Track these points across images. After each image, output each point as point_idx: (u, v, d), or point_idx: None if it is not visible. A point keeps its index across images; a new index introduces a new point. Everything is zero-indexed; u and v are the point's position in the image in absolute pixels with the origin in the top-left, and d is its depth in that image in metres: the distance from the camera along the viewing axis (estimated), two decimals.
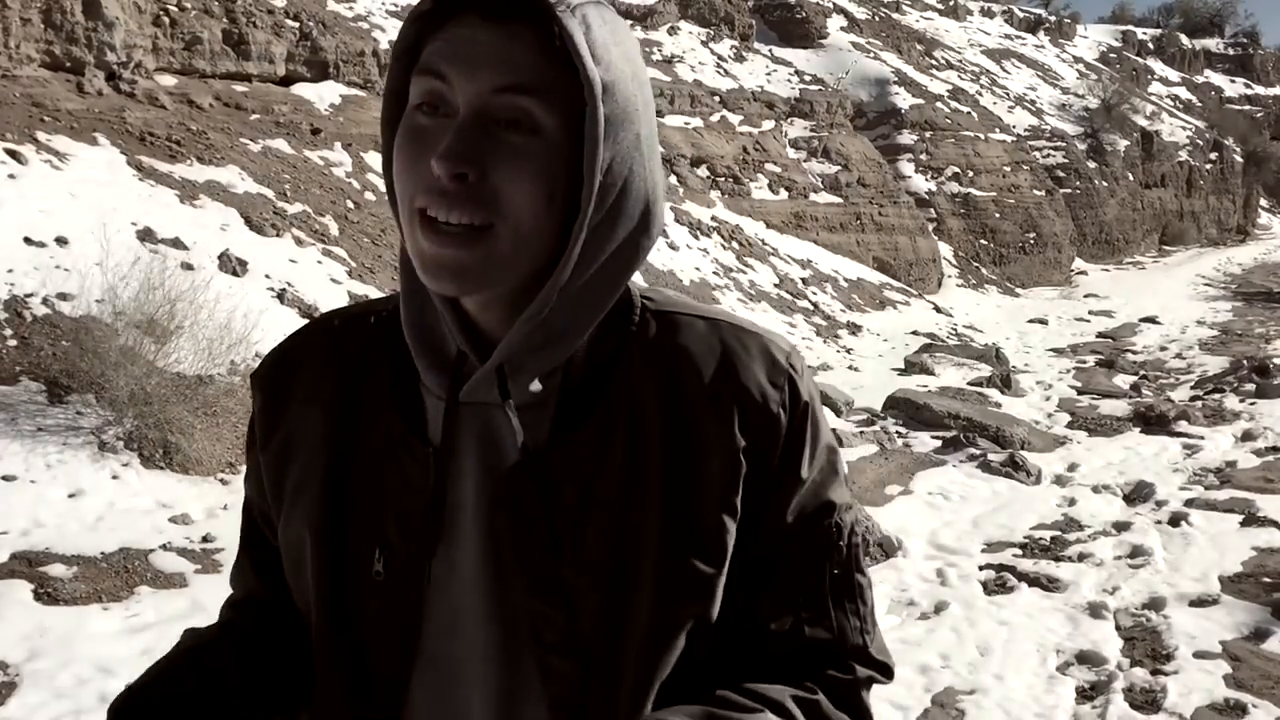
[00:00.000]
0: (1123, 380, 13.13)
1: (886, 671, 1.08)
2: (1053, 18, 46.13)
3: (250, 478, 1.15)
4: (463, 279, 0.91)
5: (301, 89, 12.93)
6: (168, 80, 11.46)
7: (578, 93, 0.89)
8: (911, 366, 13.10)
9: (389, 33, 15.07)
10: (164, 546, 5.31)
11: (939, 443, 9.01)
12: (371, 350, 1.06)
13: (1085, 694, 4.67)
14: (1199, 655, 4.99)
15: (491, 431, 0.98)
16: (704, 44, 23.06)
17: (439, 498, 0.99)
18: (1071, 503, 7.55)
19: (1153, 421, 10.18)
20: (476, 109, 0.89)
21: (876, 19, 31.58)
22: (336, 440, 1.04)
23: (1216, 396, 11.66)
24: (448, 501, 0.99)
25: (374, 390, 1.04)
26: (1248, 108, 47.49)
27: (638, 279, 1.04)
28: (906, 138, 24.88)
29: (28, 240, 7.51)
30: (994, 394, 11.71)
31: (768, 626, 1.01)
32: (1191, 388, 12.57)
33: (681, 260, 15.31)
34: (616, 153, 0.92)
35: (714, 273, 15.56)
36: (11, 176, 8.32)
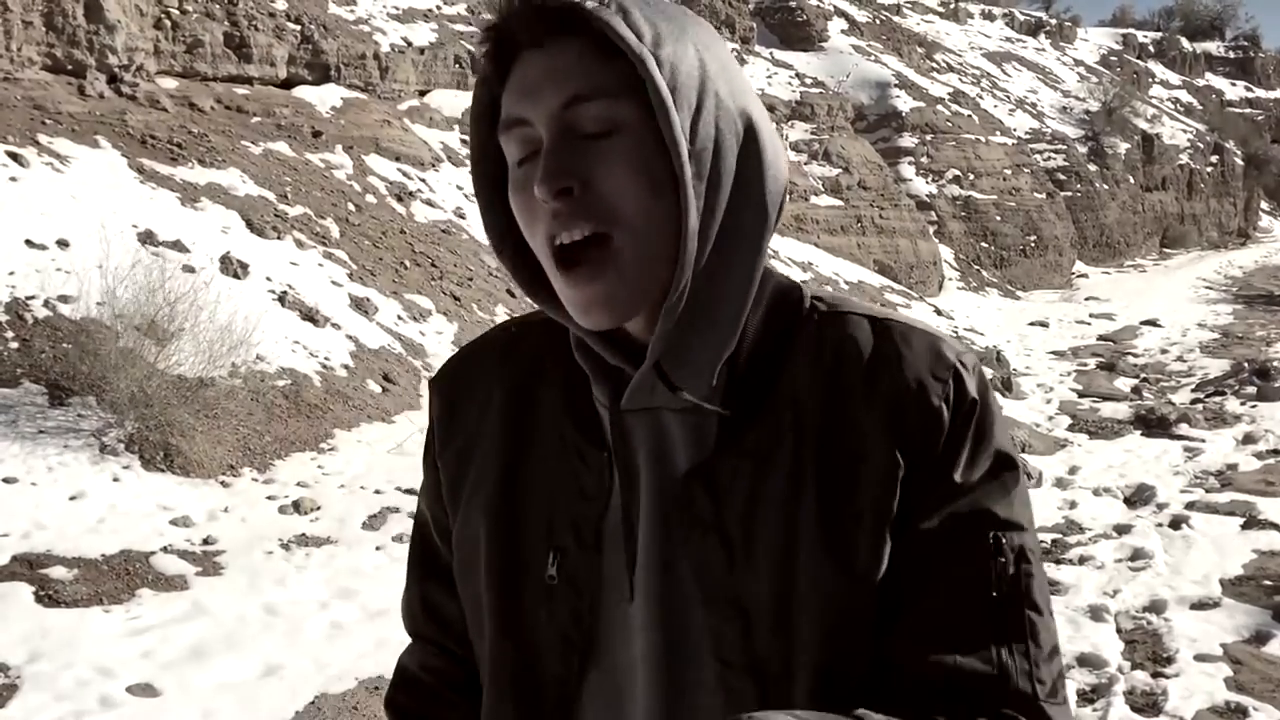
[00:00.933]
0: (1124, 383, 13.13)
1: None
2: (1053, 21, 46.16)
3: (426, 491, 1.15)
4: (608, 307, 0.92)
5: (303, 92, 12.95)
6: (169, 83, 11.48)
7: (641, 77, 0.89)
8: None
9: (390, 36, 15.08)
10: (165, 549, 5.31)
11: None
12: (546, 357, 1.06)
13: (1086, 696, 4.67)
14: (1200, 658, 4.99)
15: (661, 438, 0.97)
16: None
17: (625, 506, 0.98)
18: (1072, 505, 7.55)
19: (1154, 424, 10.18)
20: (555, 131, 0.90)
21: (877, 22, 31.60)
22: (512, 443, 1.05)
23: (1217, 399, 11.66)
24: (620, 510, 0.98)
25: (549, 397, 1.05)
26: (1248, 111, 47.50)
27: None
28: (907, 140, 24.89)
29: (29, 243, 7.52)
30: (995, 397, 11.70)
31: (911, 649, 0.91)
32: (1192, 390, 12.57)
33: None
34: (698, 117, 0.91)
35: None
36: (13, 179, 8.33)
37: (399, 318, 9.59)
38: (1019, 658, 0.90)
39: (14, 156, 8.64)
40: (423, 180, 12.91)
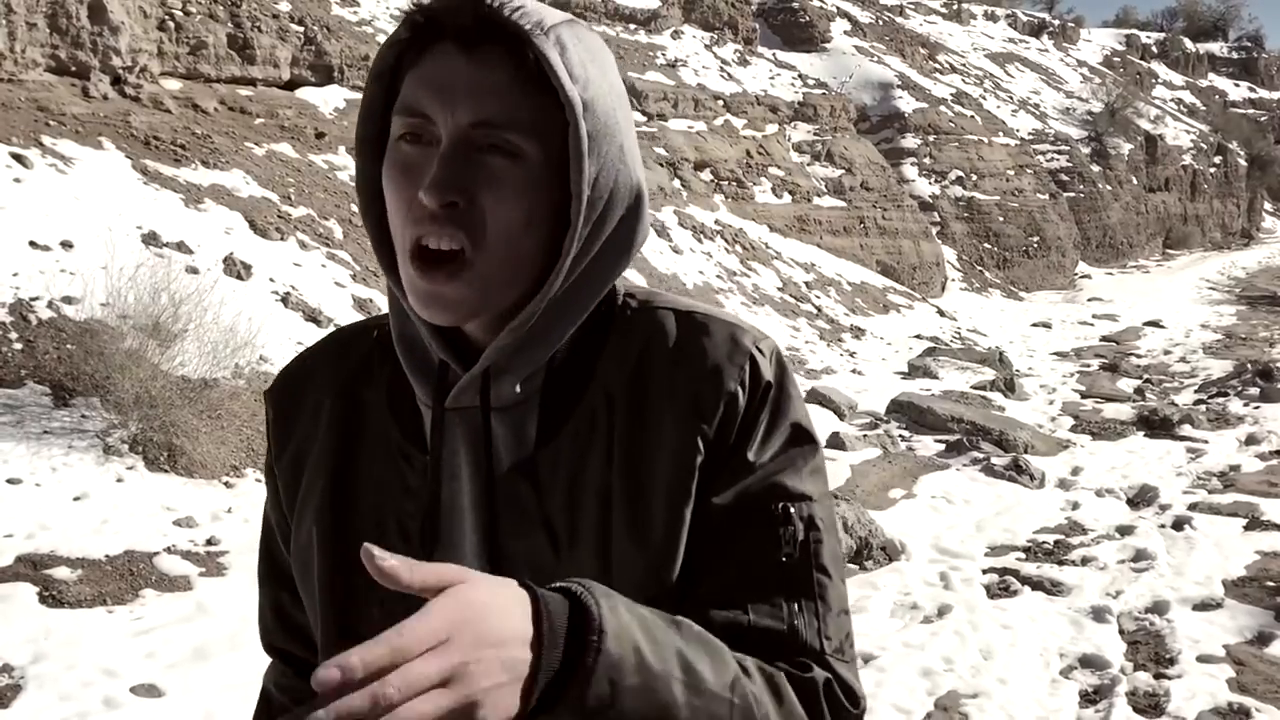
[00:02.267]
0: (1126, 384, 13.13)
1: (851, 696, 0.95)
2: (1056, 22, 46.13)
3: (269, 500, 1.17)
4: (452, 310, 0.94)
5: (306, 93, 12.96)
6: (172, 84, 11.49)
7: (557, 112, 0.92)
8: (915, 370, 13.10)
9: None
10: (168, 550, 5.32)
11: (942, 446, 9.01)
12: (373, 362, 1.09)
13: (1088, 698, 4.67)
14: (1202, 659, 4.99)
15: (483, 436, 1.00)
16: (707, 48, 23.08)
17: (434, 504, 1.00)
18: (1075, 506, 7.55)
19: (1156, 425, 10.18)
20: (455, 141, 0.91)
21: (880, 23, 31.60)
22: (340, 449, 1.07)
23: (1220, 400, 11.66)
24: (446, 508, 1.00)
25: (374, 401, 1.07)
26: (1252, 111, 47.46)
27: (636, 279, 1.04)
28: (910, 141, 24.90)
29: (33, 244, 7.53)
30: (997, 398, 11.71)
31: (706, 613, 0.93)
32: (1195, 391, 12.56)
33: (685, 264, 15.32)
34: (602, 166, 0.94)
35: (717, 276, 15.57)
36: (17, 180, 8.35)
37: None
38: (808, 615, 0.95)
39: (18, 158, 8.65)
40: None
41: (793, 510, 0.97)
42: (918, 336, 15.95)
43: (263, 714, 1.21)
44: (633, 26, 22.09)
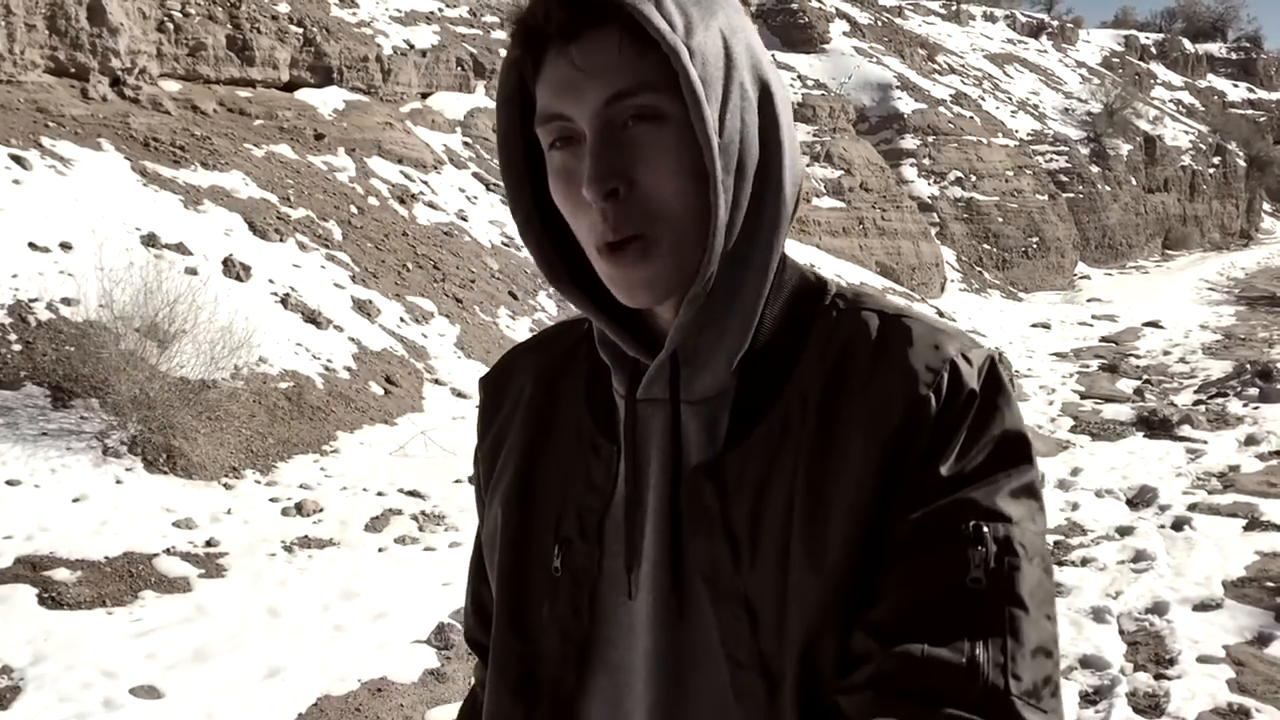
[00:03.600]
0: (1126, 384, 13.12)
1: None
2: (1055, 22, 46.15)
3: (476, 490, 1.17)
4: (652, 288, 0.92)
5: (305, 94, 12.96)
6: (172, 86, 11.49)
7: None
8: None
9: (392, 38, 15.10)
10: (168, 551, 5.32)
11: None
12: (576, 353, 1.08)
13: (1088, 698, 4.67)
14: (1202, 660, 4.99)
15: (675, 431, 0.96)
16: None
17: (630, 500, 0.97)
18: (1074, 507, 7.55)
19: (1156, 426, 10.18)
20: (598, 129, 0.90)
21: (879, 24, 31.61)
22: (533, 435, 1.06)
23: (1220, 401, 11.65)
24: (629, 503, 0.97)
25: (571, 391, 1.06)
26: (1251, 112, 47.48)
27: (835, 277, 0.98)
28: (909, 142, 24.90)
29: (32, 245, 7.53)
30: None
31: (876, 640, 0.85)
32: (1195, 392, 12.56)
33: None
34: (725, 109, 0.91)
35: None
36: (16, 182, 8.35)
37: (401, 320, 9.60)
38: (994, 650, 0.82)
39: (17, 159, 8.65)
40: (425, 182, 12.93)
41: (985, 530, 0.85)
42: None
43: (468, 713, 1.22)
44: None
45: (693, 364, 0.95)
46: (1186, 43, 51.71)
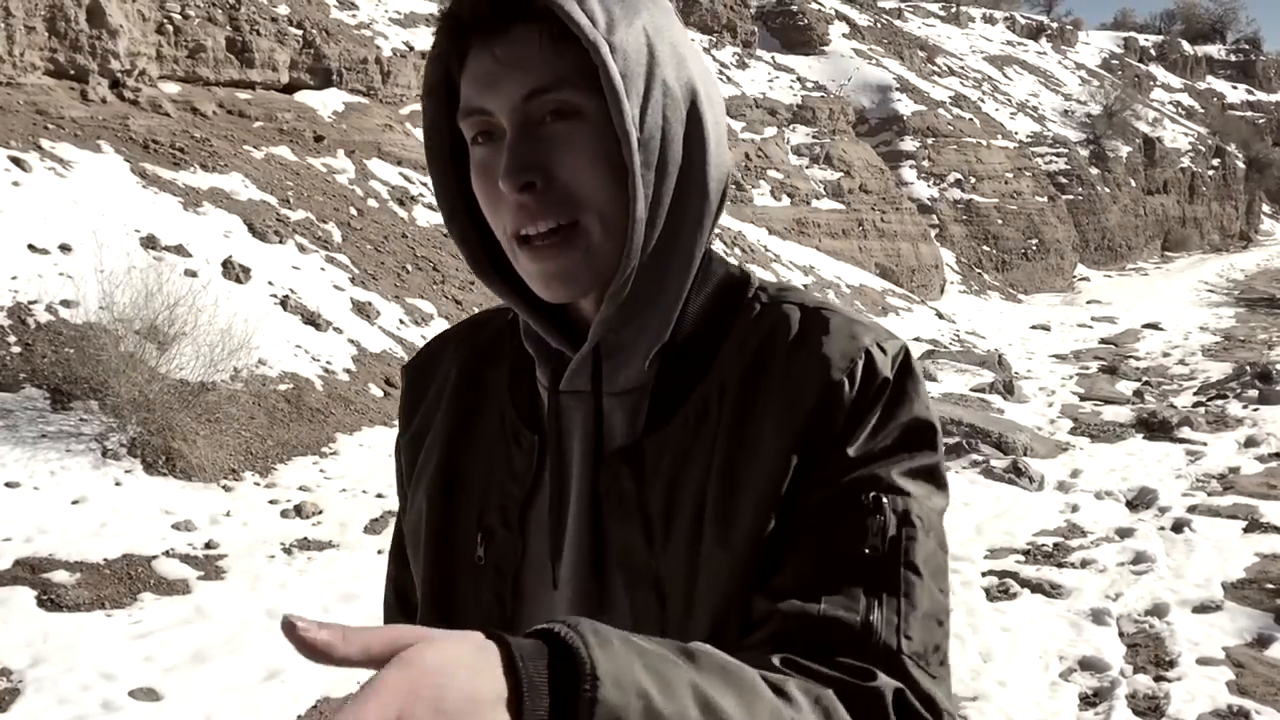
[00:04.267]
0: (1125, 386, 13.13)
1: (932, 707, 0.83)
2: (1054, 24, 46.19)
3: (396, 480, 1.17)
4: (571, 282, 0.93)
5: (305, 96, 12.97)
6: (171, 88, 11.50)
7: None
8: None
9: (392, 40, 15.11)
10: (167, 553, 5.32)
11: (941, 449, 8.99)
12: (500, 344, 1.09)
13: (1088, 700, 4.66)
14: (1202, 661, 4.98)
15: (597, 421, 0.98)
16: (706, 51, 23.09)
17: (549, 489, 0.99)
18: (1074, 509, 7.54)
19: (1156, 427, 10.18)
20: (516, 123, 0.91)
21: (878, 26, 31.63)
22: (457, 425, 1.07)
23: (1219, 402, 11.65)
24: (552, 493, 0.99)
25: (495, 381, 1.07)
26: (1250, 114, 47.52)
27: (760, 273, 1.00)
28: (908, 144, 24.92)
29: (31, 247, 7.53)
30: (996, 400, 11.70)
31: (777, 602, 0.87)
32: (1194, 394, 12.56)
33: None
34: (646, 105, 0.92)
35: None
36: (15, 184, 8.35)
37: (401, 322, 9.60)
38: (888, 610, 0.85)
39: (17, 161, 8.65)
40: (424, 184, 12.93)
41: (885, 500, 0.89)
42: (916, 339, 15.95)
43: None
44: None
45: (615, 357, 0.97)
46: (1186, 45, 51.76)
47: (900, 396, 0.93)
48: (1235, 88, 51.21)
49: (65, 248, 7.66)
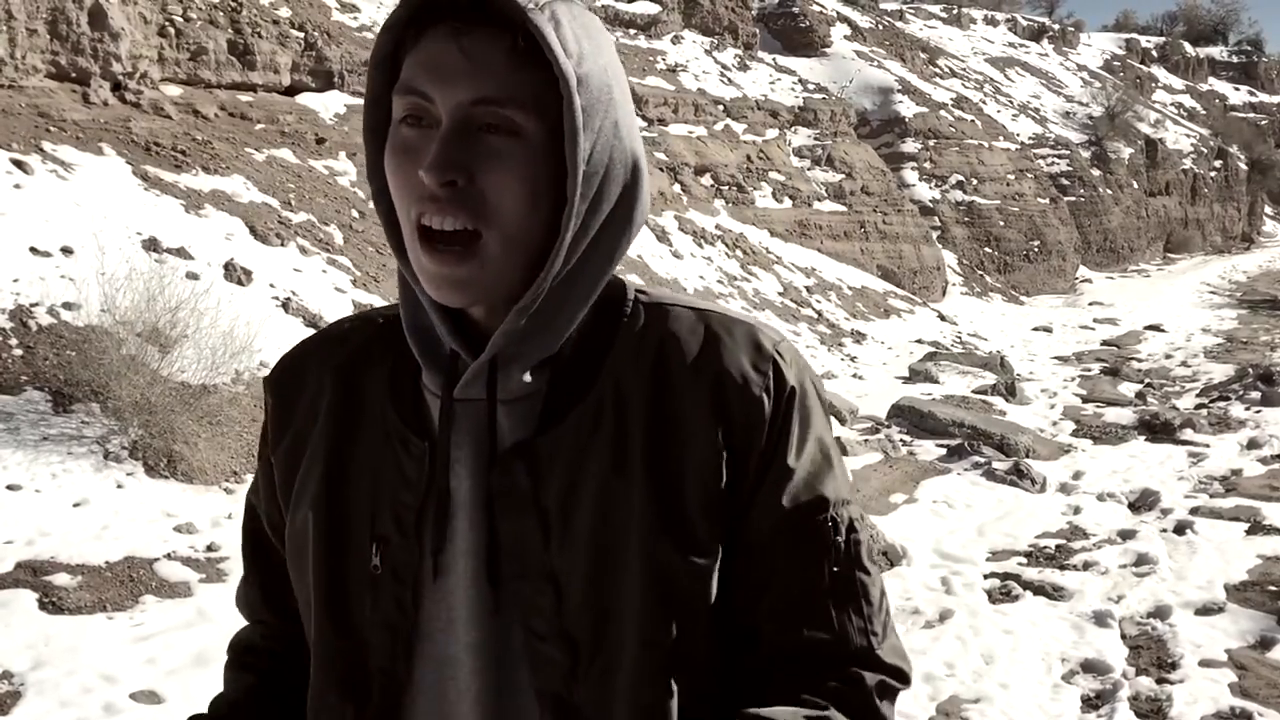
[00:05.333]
0: (1128, 388, 13.12)
1: (900, 676, 1.01)
2: (1056, 26, 46.17)
3: (258, 485, 1.16)
4: (463, 291, 0.95)
5: (306, 99, 12.97)
6: (173, 90, 11.50)
7: (553, 88, 0.91)
8: (916, 375, 13.09)
9: None
10: (169, 556, 5.32)
11: (943, 451, 9.00)
12: (375, 350, 1.08)
13: (1090, 702, 4.66)
14: (1204, 664, 4.98)
15: (488, 426, 0.99)
16: (708, 53, 23.10)
17: (439, 494, 1.00)
18: (1076, 511, 7.54)
19: (1158, 429, 10.17)
20: (455, 121, 0.91)
21: (880, 28, 31.63)
22: (338, 435, 1.06)
23: (1222, 404, 11.64)
24: (442, 497, 0.99)
25: (375, 387, 1.06)
26: (1252, 115, 47.49)
27: (635, 278, 1.05)
28: (910, 146, 24.91)
29: (33, 250, 7.53)
30: (998, 402, 11.70)
31: (765, 627, 0.99)
32: (1197, 395, 12.55)
33: (686, 269, 15.33)
34: (597, 141, 0.94)
35: (718, 281, 15.58)
36: (17, 186, 8.35)
37: None
38: (855, 617, 1.00)
39: (18, 164, 8.66)
40: None
41: (838, 519, 1.00)
42: (918, 341, 15.94)
43: (242, 662, 1.25)
44: (633, 31, 22.11)
45: (509, 367, 0.98)
46: (1187, 46, 51.72)
47: (808, 401, 1.01)
48: (1237, 89, 51.18)
49: (67, 250, 7.66)
